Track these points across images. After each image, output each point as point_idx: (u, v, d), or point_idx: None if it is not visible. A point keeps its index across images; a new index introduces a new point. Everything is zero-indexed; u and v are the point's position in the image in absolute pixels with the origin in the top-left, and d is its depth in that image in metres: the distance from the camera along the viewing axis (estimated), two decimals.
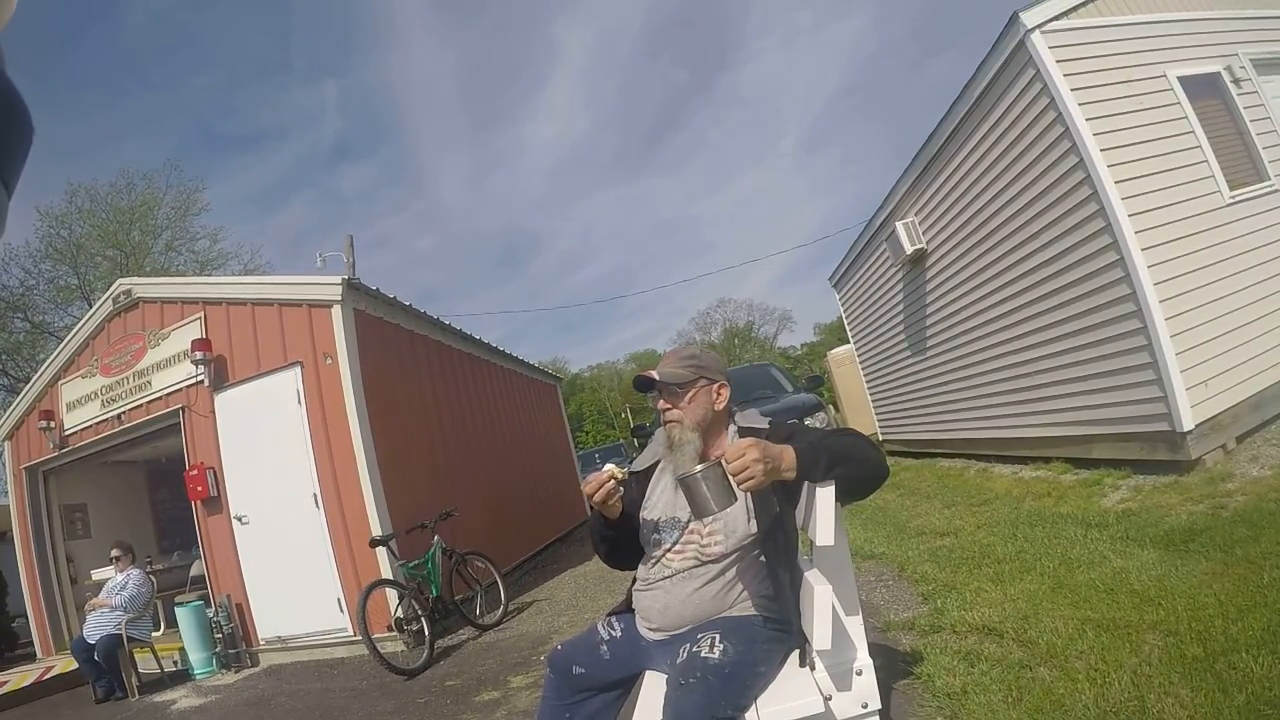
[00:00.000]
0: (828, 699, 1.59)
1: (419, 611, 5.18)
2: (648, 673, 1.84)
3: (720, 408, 1.87)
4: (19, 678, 6.43)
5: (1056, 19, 4.74)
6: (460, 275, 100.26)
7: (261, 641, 6.07)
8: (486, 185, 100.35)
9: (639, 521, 1.91)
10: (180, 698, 5.44)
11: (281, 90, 71.57)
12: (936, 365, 7.90)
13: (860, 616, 1.74)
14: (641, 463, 2.01)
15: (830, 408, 9.37)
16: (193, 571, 7.82)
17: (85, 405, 7.10)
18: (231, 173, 61.95)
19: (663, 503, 1.88)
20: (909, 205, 7.40)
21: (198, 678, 5.95)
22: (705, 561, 1.77)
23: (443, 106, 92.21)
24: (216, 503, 6.20)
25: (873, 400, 10.96)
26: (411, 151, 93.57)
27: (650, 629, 1.83)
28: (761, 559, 1.77)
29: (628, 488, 1.89)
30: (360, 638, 4.71)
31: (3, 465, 7.92)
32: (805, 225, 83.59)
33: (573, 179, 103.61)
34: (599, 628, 1.92)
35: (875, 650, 1.92)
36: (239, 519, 6.08)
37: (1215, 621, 2.23)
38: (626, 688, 1.87)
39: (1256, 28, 5.32)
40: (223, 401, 6.25)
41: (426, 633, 4.99)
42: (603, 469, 1.79)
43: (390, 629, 5.19)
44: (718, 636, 1.63)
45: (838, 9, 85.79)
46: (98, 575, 7.06)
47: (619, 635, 1.88)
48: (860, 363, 11.12)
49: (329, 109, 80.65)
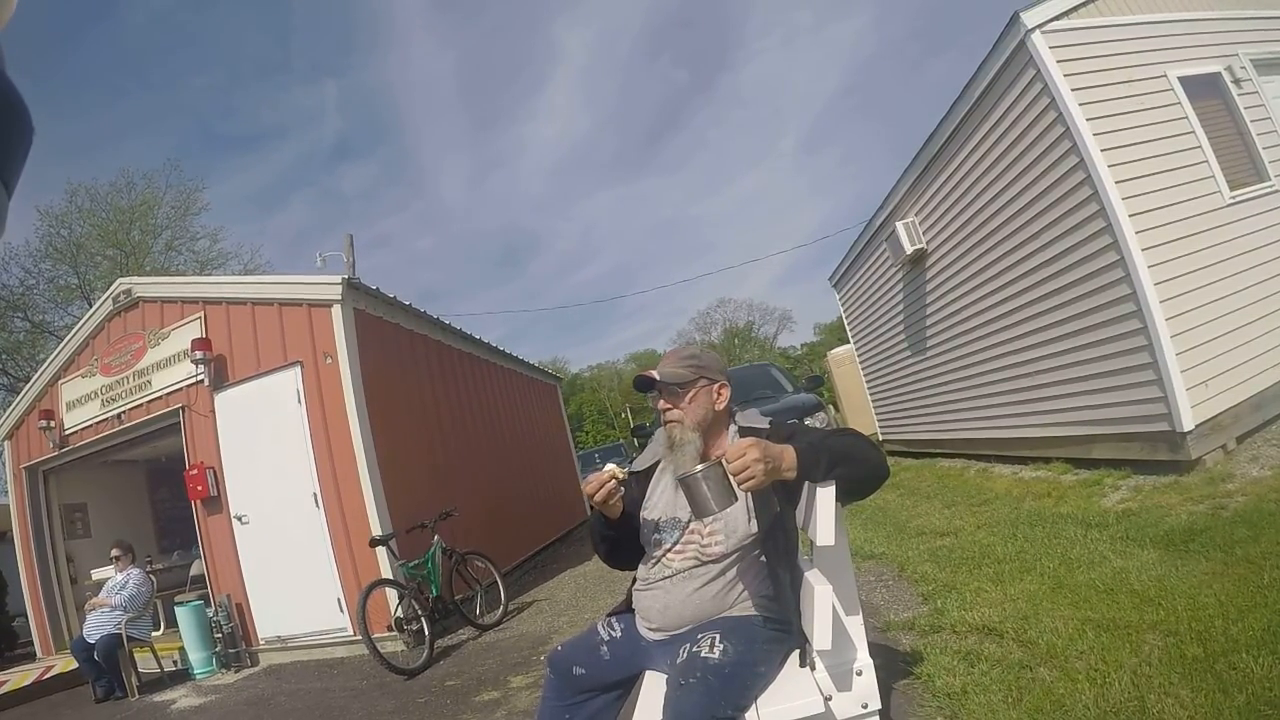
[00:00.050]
0: (828, 699, 1.59)
1: (419, 611, 5.18)
2: (648, 673, 1.84)
3: (721, 408, 1.87)
4: (19, 677, 6.43)
5: (1057, 19, 4.74)
6: (460, 275, 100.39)
7: (261, 641, 6.07)
8: (486, 185, 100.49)
9: (639, 521, 1.90)
10: (180, 697, 5.45)
11: (281, 90, 71.68)
12: (936, 365, 7.90)
13: (860, 616, 1.74)
14: (642, 463, 2.01)
15: (830, 408, 9.37)
16: (192, 571, 7.82)
17: (85, 405, 7.10)
18: (231, 173, 62.09)
19: (663, 503, 1.88)
20: (909, 205, 7.40)
21: (197, 677, 5.95)
22: (705, 561, 1.77)
23: (443, 106, 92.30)
24: (216, 502, 6.20)
25: (873, 400, 10.95)
26: (411, 151, 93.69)
27: (650, 629, 1.83)
28: (762, 559, 1.77)
29: (628, 488, 1.88)
30: (360, 637, 4.71)
31: (3, 465, 7.92)
32: (805, 225, 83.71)
33: (573, 179, 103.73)
34: (599, 628, 1.92)
35: (875, 650, 1.92)
36: (239, 518, 6.08)
37: (1215, 622, 2.23)
38: (627, 688, 1.87)
39: (1257, 28, 5.32)
40: (223, 401, 6.25)
41: (426, 632, 5.00)
42: (603, 469, 1.79)
43: (390, 629, 5.19)
44: (718, 636, 1.63)
45: (838, 9, 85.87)
46: (97, 575, 7.06)
47: (619, 635, 1.88)
48: (860, 363, 11.12)
49: (329, 109, 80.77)
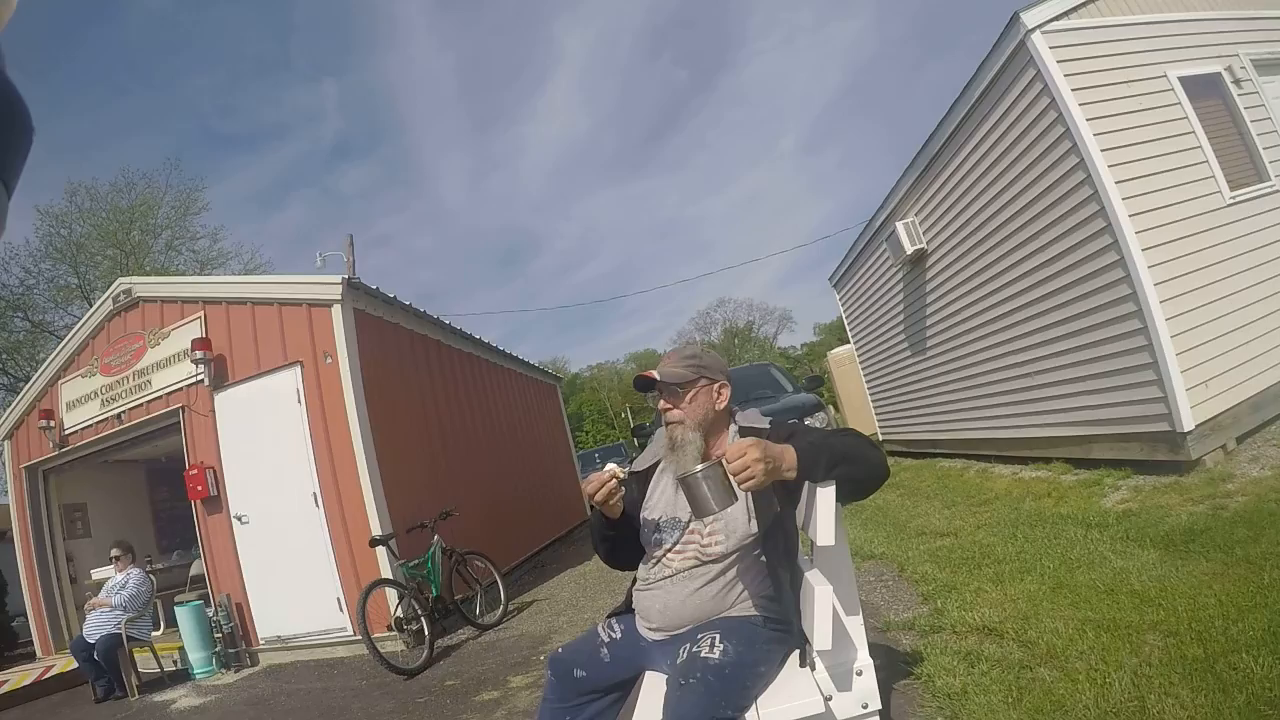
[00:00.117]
0: (828, 699, 1.59)
1: (419, 611, 5.18)
2: (648, 673, 1.84)
3: (721, 407, 1.87)
4: (18, 677, 6.43)
5: (1057, 19, 4.74)
6: (460, 275, 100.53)
7: (261, 641, 6.07)
8: (486, 185, 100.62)
9: (639, 521, 1.90)
10: (180, 697, 5.44)
11: (282, 89, 71.82)
12: (936, 365, 7.89)
13: (860, 616, 1.74)
14: (642, 463, 2.01)
15: (830, 408, 9.36)
16: (192, 571, 7.83)
17: (85, 404, 7.10)
18: (231, 172, 62.20)
19: (663, 503, 1.88)
20: (909, 205, 7.40)
21: (197, 677, 5.95)
22: (706, 561, 1.77)
23: (443, 106, 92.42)
24: (216, 502, 6.20)
25: (873, 400, 10.95)
26: (411, 151, 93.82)
27: (650, 629, 1.82)
28: (762, 559, 1.77)
29: (628, 488, 1.88)
30: (360, 637, 4.70)
31: (3, 464, 7.91)
32: (805, 225, 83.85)
33: (573, 179, 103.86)
34: (599, 630, 1.92)
35: (875, 650, 1.92)
36: (239, 518, 6.08)
37: (1215, 622, 2.23)
38: (627, 689, 1.87)
39: (1257, 28, 5.32)
40: (222, 401, 6.25)
41: (426, 632, 5.00)
42: (603, 469, 1.79)
43: (390, 629, 5.19)
44: (718, 636, 1.63)
45: (838, 9, 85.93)
46: (97, 575, 7.06)
47: (619, 636, 1.88)
48: (860, 363, 11.12)
49: (329, 109, 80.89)
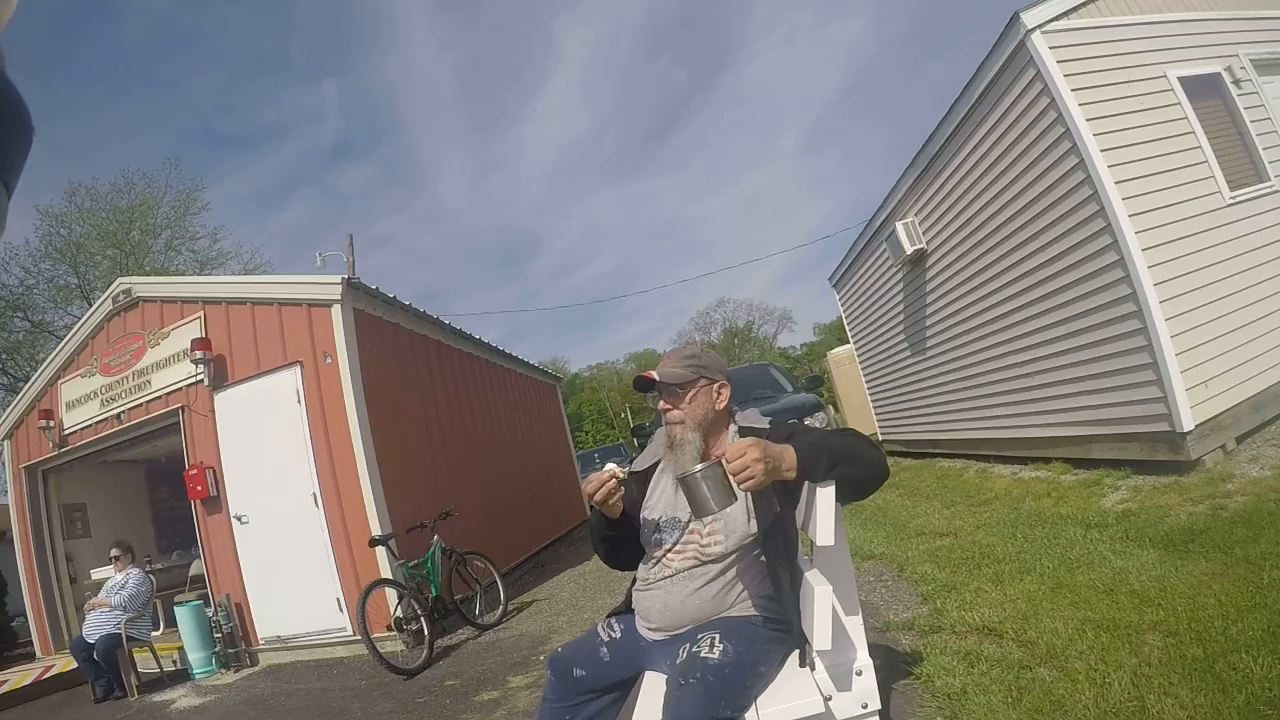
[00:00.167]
0: (828, 699, 1.59)
1: (418, 611, 5.18)
2: (647, 673, 1.84)
3: (721, 407, 1.87)
4: (18, 677, 6.43)
5: (1057, 19, 4.74)
6: (460, 275, 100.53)
7: (261, 641, 6.06)
8: (486, 185, 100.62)
9: (639, 521, 1.90)
10: (179, 697, 5.44)
11: (282, 89, 71.82)
12: (936, 365, 7.90)
13: (860, 616, 1.74)
14: (641, 463, 2.01)
15: (830, 408, 9.36)
16: (192, 571, 7.82)
17: (85, 404, 7.10)
18: (231, 172, 62.20)
19: (663, 503, 1.88)
20: (909, 205, 7.40)
21: (197, 677, 5.95)
22: (705, 561, 1.77)
23: (443, 106, 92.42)
24: (216, 502, 6.20)
25: (872, 400, 10.95)
26: (411, 151, 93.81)
27: (650, 629, 1.82)
28: (761, 559, 1.77)
29: (628, 488, 1.88)
30: (360, 637, 4.70)
31: (2, 464, 7.91)
32: (805, 225, 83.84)
33: (573, 179, 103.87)
34: (599, 629, 1.92)
35: (875, 650, 1.92)
36: (238, 518, 6.08)
37: (1215, 622, 2.23)
38: (627, 689, 1.87)
39: (1257, 28, 5.32)
40: (222, 401, 6.25)
41: (426, 632, 5.00)
42: (603, 469, 1.79)
43: (390, 629, 5.19)
44: (717, 636, 1.63)
45: (838, 9, 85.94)
46: (97, 575, 7.06)
47: (619, 636, 1.88)
48: (860, 363, 11.12)
49: (329, 109, 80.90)
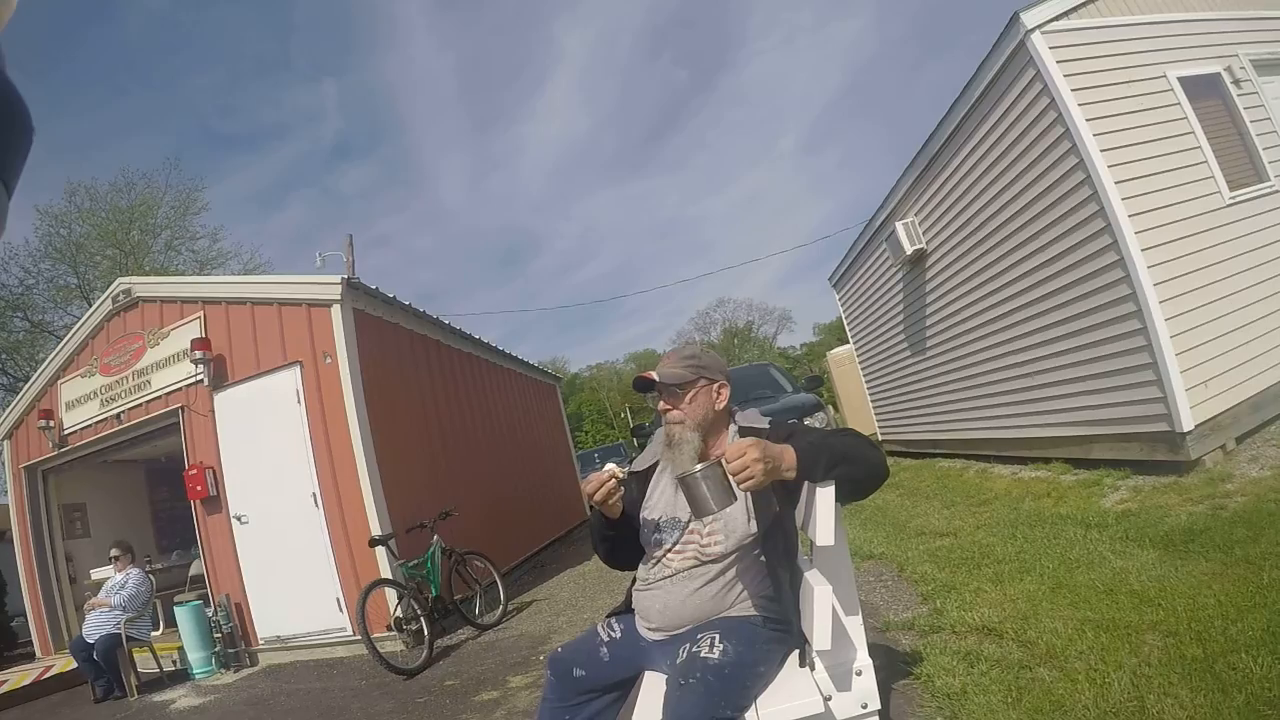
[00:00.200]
0: (827, 699, 1.59)
1: (418, 611, 5.18)
2: (647, 673, 1.84)
3: (720, 407, 1.87)
4: (18, 677, 6.43)
5: (1057, 19, 4.74)
6: (460, 275, 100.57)
7: (261, 641, 6.06)
8: (486, 185, 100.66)
9: (639, 521, 1.90)
10: (179, 697, 5.44)
11: (282, 89, 71.85)
12: (936, 365, 7.90)
13: (860, 616, 1.74)
14: (641, 463, 2.01)
15: (830, 408, 9.36)
16: (192, 571, 7.82)
17: (85, 404, 7.10)
18: (231, 172, 62.21)
19: (663, 503, 1.88)
20: (909, 205, 7.40)
21: (197, 677, 5.94)
22: (705, 561, 1.77)
23: (443, 106, 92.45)
24: (216, 502, 6.20)
25: (872, 400, 10.95)
26: (411, 151, 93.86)
27: (650, 629, 1.82)
28: (761, 559, 1.77)
29: (628, 488, 1.88)
30: (359, 637, 4.70)
31: (2, 464, 7.91)
32: (805, 225, 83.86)
33: (573, 179, 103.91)
34: (598, 629, 1.92)
35: (875, 650, 1.92)
36: (238, 518, 6.08)
37: (1215, 622, 2.23)
38: (627, 689, 1.87)
39: (1256, 28, 5.32)
40: (222, 401, 6.25)
41: (426, 632, 5.00)
42: (603, 469, 1.79)
43: (390, 629, 5.19)
44: (717, 636, 1.63)
45: (838, 9, 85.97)
46: (97, 575, 7.06)
47: (618, 636, 1.88)
48: (860, 363, 11.12)
49: (329, 109, 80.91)
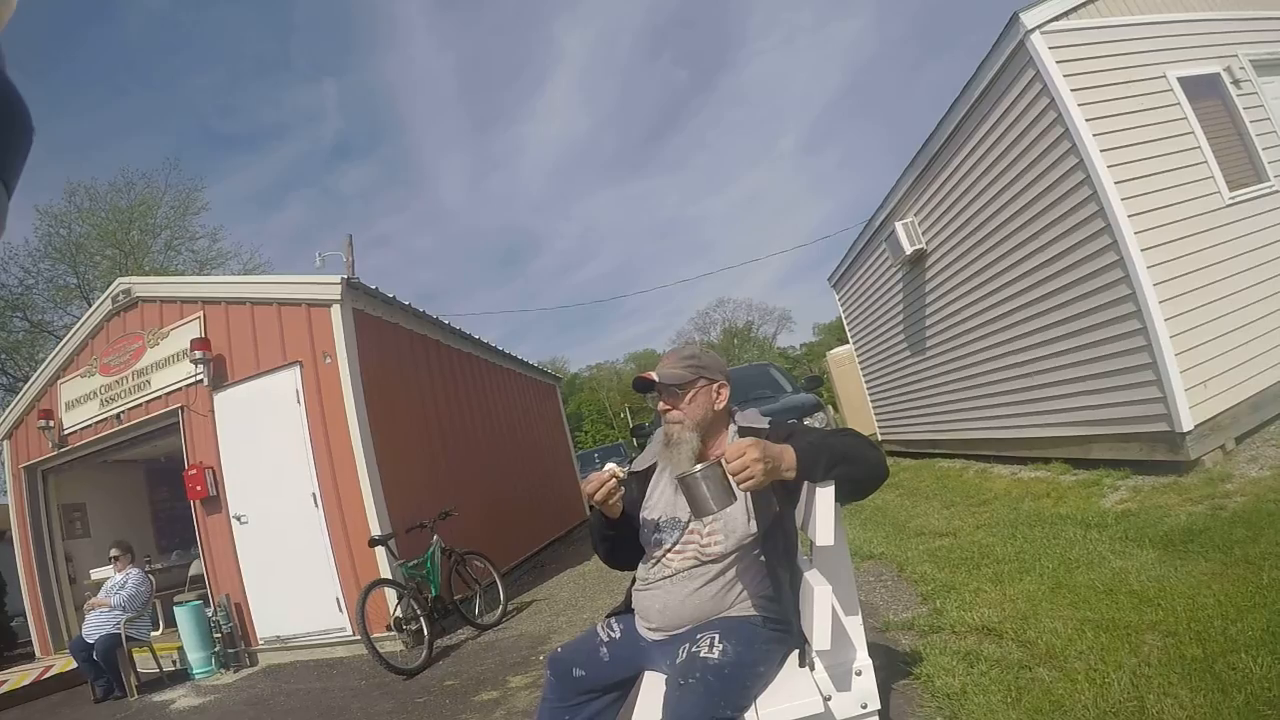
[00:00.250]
0: (827, 699, 1.59)
1: (418, 611, 5.18)
2: (647, 673, 1.84)
3: (720, 408, 1.87)
4: (18, 677, 6.43)
5: (1057, 19, 4.74)
6: (460, 275, 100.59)
7: (260, 641, 6.06)
8: (486, 185, 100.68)
9: (639, 521, 1.90)
10: (179, 697, 5.44)
11: (282, 89, 71.86)
12: (936, 365, 7.90)
13: (860, 616, 1.74)
14: (641, 463, 2.01)
15: (829, 408, 9.36)
16: (191, 571, 7.82)
17: (84, 404, 7.09)
18: (231, 172, 62.20)
19: (663, 503, 1.88)
20: (909, 205, 7.40)
21: (196, 677, 5.94)
22: (705, 561, 1.77)
23: (443, 106, 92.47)
24: (215, 502, 6.20)
25: (872, 400, 10.95)
26: (411, 151, 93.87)
27: (650, 629, 1.83)
28: (761, 559, 1.77)
29: (628, 487, 1.88)
30: (359, 637, 4.70)
31: (2, 465, 7.91)
32: (805, 225, 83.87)
33: (573, 179, 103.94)
34: (598, 629, 1.92)
35: (875, 650, 1.92)
36: (238, 518, 6.08)
37: (1214, 622, 2.23)
38: (626, 689, 1.87)
39: (1256, 28, 5.32)
40: (222, 401, 6.25)
41: (425, 632, 5.00)
42: (603, 469, 1.79)
43: (389, 629, 5.19)
44: (717, 636, 1.63)
45: (838, 9, 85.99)
46: (97, 575, 7.05)
47: (618, 636, 1.88)
48: (860, 363, 11.12)
49: (329, 109, 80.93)
